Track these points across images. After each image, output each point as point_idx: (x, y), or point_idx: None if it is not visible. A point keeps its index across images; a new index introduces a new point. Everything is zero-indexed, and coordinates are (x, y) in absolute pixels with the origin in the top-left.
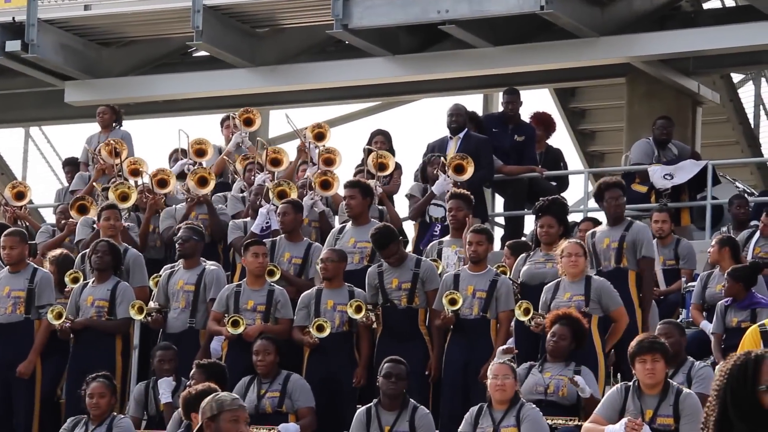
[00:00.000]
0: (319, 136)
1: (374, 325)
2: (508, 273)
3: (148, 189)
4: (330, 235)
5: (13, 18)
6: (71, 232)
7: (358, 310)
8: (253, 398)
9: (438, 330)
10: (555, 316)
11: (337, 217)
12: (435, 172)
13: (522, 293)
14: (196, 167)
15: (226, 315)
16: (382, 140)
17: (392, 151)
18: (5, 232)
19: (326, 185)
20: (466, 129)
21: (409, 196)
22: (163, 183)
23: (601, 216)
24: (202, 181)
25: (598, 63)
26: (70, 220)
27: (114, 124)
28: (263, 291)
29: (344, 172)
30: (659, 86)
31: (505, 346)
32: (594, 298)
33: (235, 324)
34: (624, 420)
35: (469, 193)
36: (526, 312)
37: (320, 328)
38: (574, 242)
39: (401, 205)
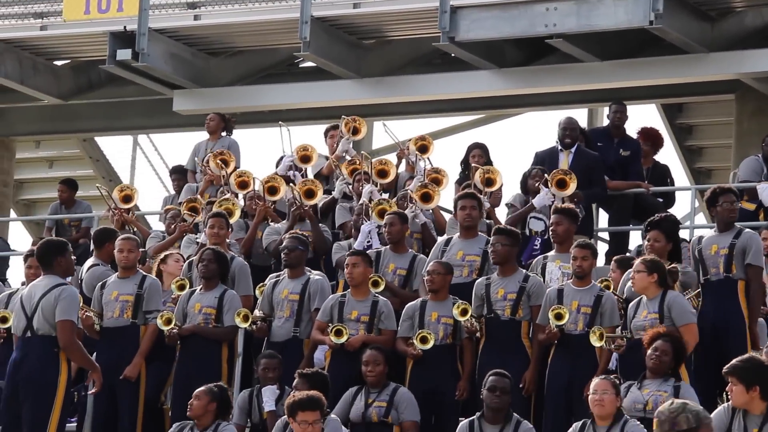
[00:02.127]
0: (423, 149)
1: (477, 334)
2: (612, 287)
3: (258, 196)
4: (436, 247)
5: (125, 27)
6: (182, 235)
7: (463, 313)
8: (361, 407)
9: (539, 344)
10: (655, 333)
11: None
12: (537, 185)
13: (626, 309)
14: (304, 179)
15: (330, 324)
16: (479, 153)
17: (490, 164)
18: (122, 236)
19: (427, 198)
20: (578, 144)
21: (509, 206)
22: (273, 190)
23: (707, 234)
24: (309, 194)
25: (707, 79)
26: (181, 223)
27: (223, 132)
28: (367, 302)
29: (449, 187)
30: None
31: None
32: (666, 314)
33: (338, 333)
34: None
35: (572, 207)
36: (600, 337)
37: (424, 340)
38: (640, 260)
39: (501, 215)
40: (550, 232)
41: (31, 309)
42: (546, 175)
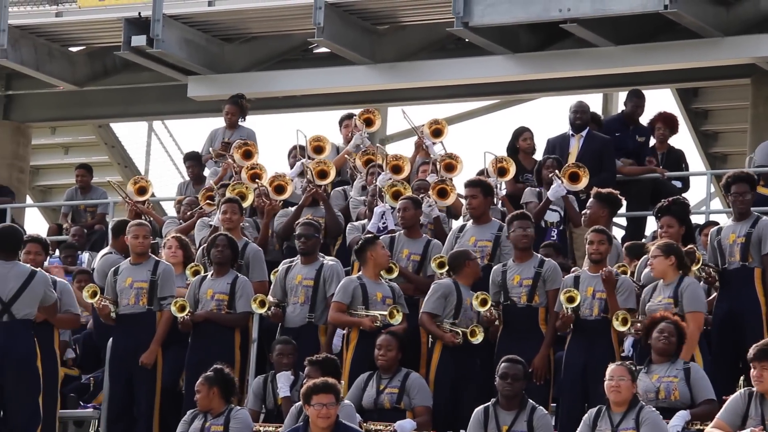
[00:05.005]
0: (437, 133)
1: (497, 322)
2: (628, 273)
3: (265, 193)
4: (450, 234)
5: (139, 13)
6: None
7: (483, 303)
8: (372, 393)
9: (553, 331)
10: (652, 319)
11: (454, 222)
12: (550, 175)
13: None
14: (317, 160)
15: (359, 307)
16: (530, 136)
17: (534, 149)
18: (136, 222)
19: (443, 193)
20: (588, 128)
21: (525, 204)
22: (280, 189)
23: (723, 219)
24: (322, 174)
25: (722, 63)
26: (199, 209)
27: (240, 119)
28: (384, 285)
29: (465, 172)
30: None
31: None
32: (680, 299)
33: (392, 315)
34: (747, 431)
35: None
36: (624, 322)
37: (473, 334)
38: (656, 245)
39: None
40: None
41: (9, 294)
42: (559, 164)
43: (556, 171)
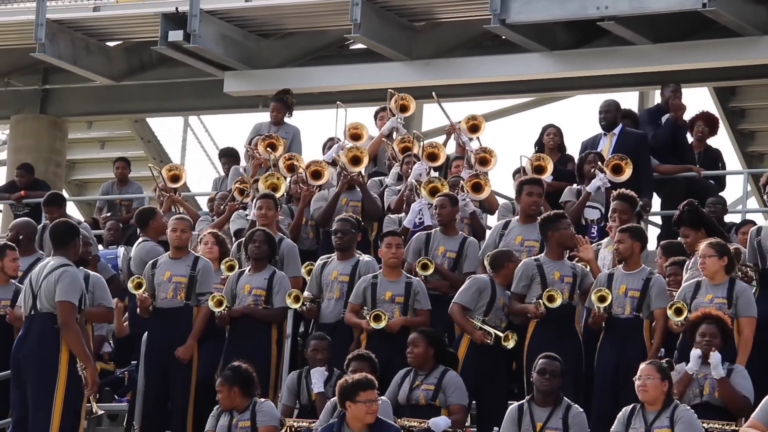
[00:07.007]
0: (474, 128)
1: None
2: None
3: (302, 180)
4: (494, 230)
5: (176, 8)
6: (232, 214)
7: (550, 299)
8: (407, 389)
9: (589, 327)
10: (697, 318)
11: (489, 217)
12: (592, 170)
13: None
14: (350, 146)
15: (364, 307)
16: (555, 132)
17: (563, 145)
18: (176, 216)
19: (477, 188)
20: (621, 125)
21: (564, 203)
22: (317, 174)
23: (759, 218)
24: (355, 160)
25: (760, 62)
26: (231, 203)
27: (286, 115)
28: (401, 282)
29: (499, 170)
30: None
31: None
32: (734, 301)
33: (377, 318)
34: None
35: (633, 194)
36: (678, 312)
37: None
38: (707, 244)
39: None
40: (611, 219)
41: (37, 287)
42: (600, 159)
43: (599, 163)
